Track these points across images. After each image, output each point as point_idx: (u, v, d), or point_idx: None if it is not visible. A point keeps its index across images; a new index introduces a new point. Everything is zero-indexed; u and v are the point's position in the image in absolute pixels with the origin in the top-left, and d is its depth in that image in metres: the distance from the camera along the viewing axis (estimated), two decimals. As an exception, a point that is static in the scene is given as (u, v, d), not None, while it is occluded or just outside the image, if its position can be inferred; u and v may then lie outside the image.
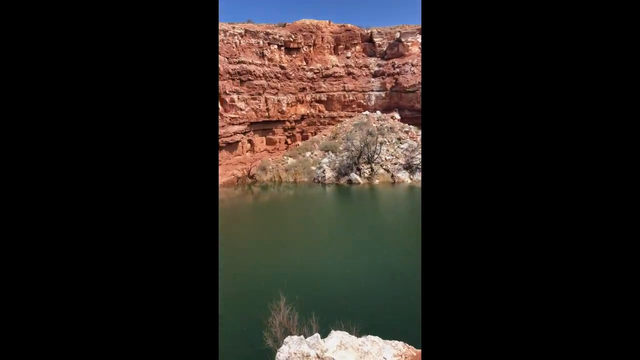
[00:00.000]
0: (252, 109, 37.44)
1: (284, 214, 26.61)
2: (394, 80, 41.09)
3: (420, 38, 40.73)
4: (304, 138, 42.14)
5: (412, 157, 34.32)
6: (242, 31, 37.21)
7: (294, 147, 40.82)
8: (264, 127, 39.34)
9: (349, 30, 43.84)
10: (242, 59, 36.49)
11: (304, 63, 41.69)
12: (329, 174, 34.61)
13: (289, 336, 5.55)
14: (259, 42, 38.08)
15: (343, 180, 33.66)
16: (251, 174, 36.72)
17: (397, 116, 40.81)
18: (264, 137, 39.87)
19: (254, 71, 37.08)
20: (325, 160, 36.35)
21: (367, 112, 42.01)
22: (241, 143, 37.20)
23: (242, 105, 36.56)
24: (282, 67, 39.76)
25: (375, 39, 43.34)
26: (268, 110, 38.71)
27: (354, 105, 43.10)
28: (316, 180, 34.68)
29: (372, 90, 42.47)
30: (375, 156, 34.56)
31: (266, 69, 38.20)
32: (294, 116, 41.34)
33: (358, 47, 44.08)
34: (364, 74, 43.05)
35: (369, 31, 43.70)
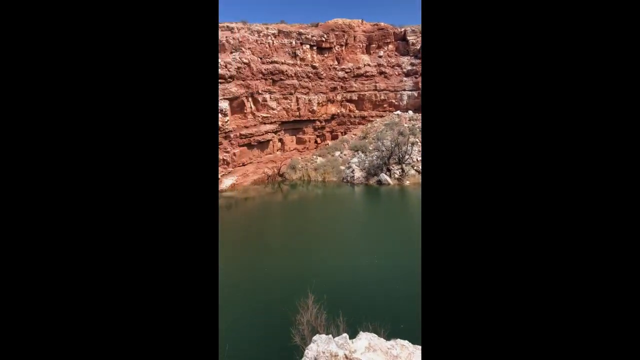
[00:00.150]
0: (284, 108, 37.97)
1: (313, 213, 26.76)
2: (428, 79, 39.98)
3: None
4: (334, 137, 42.15)
5: (444, 159, 33.22)
6: (275, 31, 37.81)
7: (324, 147, 40.94)
8: (295, 126, 39.78)
9: (382, 28, 43.26)
10: (275, 59, 37.08)
11: (336, 62, 41.67)
12: (358, 174, 34.38)
13: (317, 335, 5.58)
14: (291, 42, 38.52)
15: (372, 181, 33.30)
16: (281, 173, 37.27)
17: (430, 116, 39.68)
18: (294, 136, 40.32)
19: (286, 71, 37.57)
20: (355, 160, 36.14)
21: (398, 112, 41.29)
22: (272, 142, 37.86)
23: (274, 104, 37.17)
24: (314, 67, 39.98)
25: (408, 38, 42.47)
26: (299, 109, 39.09)
27: (385, 105, 42.50)
28: (345, 180, 34.57)
29: (405, 90, 41.67)
30: (407, 157, 33.90)
31: (298, 69, 38.58)
32: (325, 115, 41.45)
33: (391, 46, 43.40)
34: (396, 73, 42.32)
35: (403, 29, 42.89)
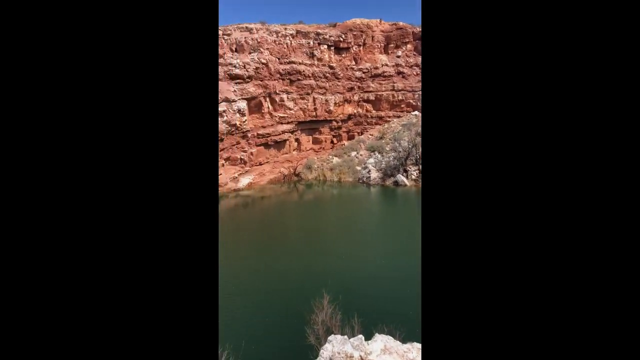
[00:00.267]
0: (300, 108, 38.14)
1: (328, 213, 26.77)
2: (447, 79, 39.32)
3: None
4: (350, 138, 42.02)
5: (463, 160, 32.60)
6: (293, 32, 38.02)
7: (340, 147, 40.88)
8: (311, 126, 39.89)
9: (401, 28, 42.82)
10: (293, 59, 37.30)
11: (353, 63, 41.54)
12: (375, 175, 34.17)
13: (332, 335, 5.59)
14: (309, 43, 38.66)
15: (389, 182, 33.03)
16: (297, 172, 37.46)
17: (449, 117, 39.02)
18: (310, 136, 40.44)
19: (304, 71, 37.72)
20: (371, 160, 35.93)
21: (416, 112, 40.76)
22: (289, 142, 38.10)
23: (291, 104, 37.39)
24: (331, 67, 39.98)
25: (427, 37, 41.82)
26: (315, 109, 39.18)
27: (402, 105, 42.06)
28: (361, 181, 34.42)
29: (423, 90, 41.05)
30: (424, 158, 33.40)
31: (315, 69, 38.68)
32: (341, 116, 41.39)
33: (409, 46, 42.91)
34: (415, 73, 41.80)
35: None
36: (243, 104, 33.96)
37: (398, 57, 42.52)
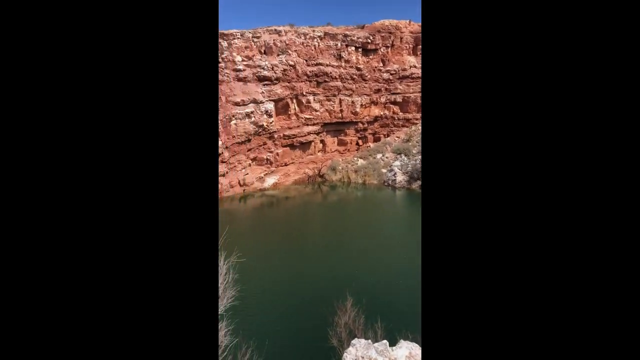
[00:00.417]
0: (326, 109, 38.24)
1: (352, 215, 26.65)
2: (478, 81, 38.12)
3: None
4: (376, 140, 41.65)
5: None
6: (321, 34, 38.22)
7: (365, 149, 40.61)
8: (337, 127, 39.89)
9: (430, 28, 41.91)
10: (320, 61, 37.48)
11: (381, 64, 41.17)
12: (400, 178, 33.66)
13: (356, 339, 5.58)
14: (336, 45, 38.71)
15: (415, 185, 32.42)
16: (321, 173, 37.57)
17: (479, 119, 37.80)
18: (335, 138, 40.45)
19: (331, 73, 37.81)
20: (397, 163, 35.43)
21: (445, 115, 39.73)
22: (314, 143, 38.30)
23: (317, 106, 37.58)
24: (358, 69, 39.81)
25: (458, 37, 40.76)
26: (341, 111, 39.15)
27: (430, 107, 41.12)
28: (386, 184, 34.02)
29: (452, 92, 40.03)
30: (452, 162, 32.54)
31: (342, 71, 38.66)
32: (367, 117, 41.11)
33: (439, 46, 41.91)
34: (444, 74, 40.76)
35: (452, 29, 41.26)
36: (270, 105, 34.50)
37: (427, 58, 41.68)
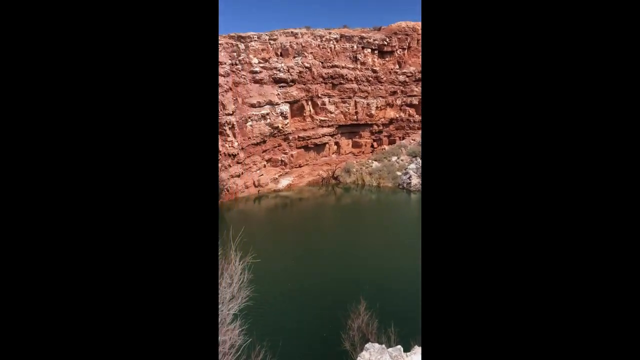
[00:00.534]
0: (341, 111, 38.21)
1: (366, 218, 26.51)
2: (497, 84, 37.33)
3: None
4: (391, 142, 41.33)
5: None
6: (337, 36, 38.24)
7: (380, 151, 40.35)
8: (352, 130, 39.79)
9: (448, 30, 41.37)
10: (336, 63, 37.50)
11: (397, 66, 40.88)
12: (416, 181, 33.28)
13: (369, 343, 5.55)
14: (352, 47, 38.66)
15: (430, 189, 31.94)
16: (335, 175, 37.53)
17: (498, 123, 36.99)
18: (350, 140, 40.35)
19: (346, 75, 37.78)
20: (413, 166, 35.05)
21: (462, 118, 39.11)
22: (328, 145, 38.31)
23: (332, 108, 37.60)
24: (374, 71, 39.65)
25: (477, 39, 40.07)
26: (357, 113, 39.04)
27: (447, 110, 40.55)
28: (401, 186, 33.70)
29: (470, 94, 39.35)
30: (469, 165, 31.96)
31: (358, 73, 38.57)
32: (382, 120, 40.86)
33: (457, 48, 41.31)
34: (462, 76, 40.14)
35: (471, 31, 40.59)
36: (286, 107, 34.73)
37: (444, 60, 41.14)
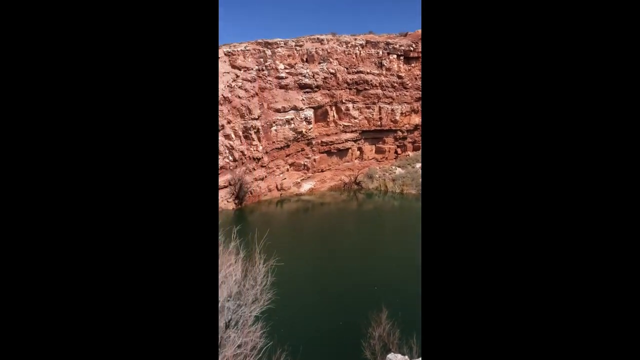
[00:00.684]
0: (365, 117, 38.09)
1: (389, 226, 26.16)
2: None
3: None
4: (416, 149, 40.69)
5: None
6: (363, 42, 38.28)
7: (404, 157, 39.82)
8: (375, 135, 39.54)
9: (477, 35, 40.47)
10: (361, 69, 37.51)
11: (423, 72, 40.34)
12: (440, 189, 32.52)
13: (392, 353, 5.48)
14: (378, 53, 38.56)
15: (455, 197, 31.12)
16: (358, 181, 37.34)
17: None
18: (373, 146, 40.08)
19: (371, 81, 37.68)
20: (437, 173, 34.30)
21: (490, 125, 37.97)
22: (351, 150, 38.23)
23: (356, 113, 37.56)
24: (400, 77, 39.32)
25: (507, 44, 38.93)
26: (381, 119, 38.79)
27: (474, 117, 39.53)
28: (424, 194, 33.03)
29: (499, 101, 38.20)
30: (496, 174, 30.89)
31: (383, 79, 38.39)
32: (407, 126, 40.36)
33: (486, 54, 40.31)
34: (491, 82, 39.08)
35: (501, 36, 39.50)
36: (310, 112, 35.03)
37: (472, 66, 40.22)
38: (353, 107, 37.32)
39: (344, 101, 36.76)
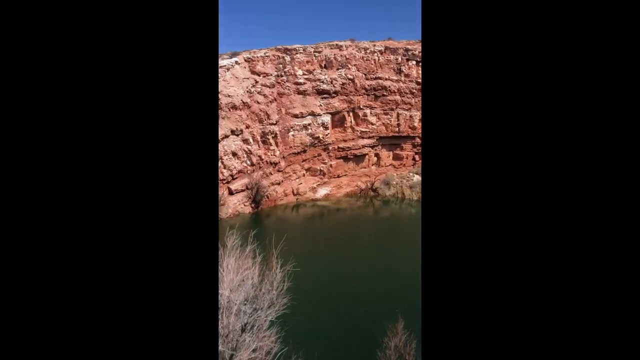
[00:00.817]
0: (383, 123, 37.87)
1: (406, 234, 25.77)
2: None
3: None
4: (434, 156, 40.11)
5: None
6: (382, 48, 38.21)
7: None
8: (393, 141, 39.21)
9: (499, 41, 39.73)
10: (379, 75, 37.41)
11: (442, 78, 39.89)
12: (458, 197, 31.88)
13: (409, 365, 5.32)
14: (397, 59, 38.38)
15: (474, 206, 30.40)
16: (374, 187, 37.04)
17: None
18: (391, 152, 39.74)
19: (389, 87, 37.50)
20: (455, 181, 33.66)
21: (511, 132, 37.04)
22: (368, 156, 38.02)
23: (374, 119, 37.40)
24: (418, 83, 38.96)
25: (531, 50, 38.03)
26: (399, 125, 38.47)
27: (495, 124, 38.67)
28: (442, 202, 32.42)
29: (521, 108, 37.26)
30: (518, 183, 30.00)
31: (401, 85, 38.14)
32: (425, 133, 39.89)
33: (508, 60, 39.48)
34: (513, 89, 38.19)
35: (524, 42, 38.63)
36: (327, 118, 35.13)
37: (494, 72, 39.46)
38: (371, 113, 37.19)
39: (361, 107, 36.69)
